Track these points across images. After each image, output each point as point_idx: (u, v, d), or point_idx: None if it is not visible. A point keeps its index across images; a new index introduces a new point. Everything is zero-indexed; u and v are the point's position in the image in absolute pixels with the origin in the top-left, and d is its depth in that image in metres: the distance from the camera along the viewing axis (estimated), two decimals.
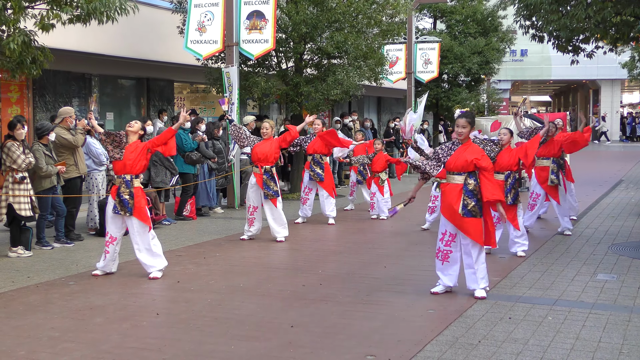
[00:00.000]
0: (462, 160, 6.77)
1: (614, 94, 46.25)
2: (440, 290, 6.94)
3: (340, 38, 14.45)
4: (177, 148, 12.02)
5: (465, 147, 6.84)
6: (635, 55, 31.30)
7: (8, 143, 8.91)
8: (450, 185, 6.88)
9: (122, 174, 7.82)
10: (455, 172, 6.83)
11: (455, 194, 6.79)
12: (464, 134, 6.82)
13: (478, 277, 6.77)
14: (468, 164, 6.75)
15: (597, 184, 17.61)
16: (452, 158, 6.84)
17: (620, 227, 10.96)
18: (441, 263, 6.93)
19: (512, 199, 8.88)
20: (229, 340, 5.56)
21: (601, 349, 5.27)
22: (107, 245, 7.86)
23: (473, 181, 6.78)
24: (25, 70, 9.43)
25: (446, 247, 6.89)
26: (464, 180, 6.79)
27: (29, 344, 5.49)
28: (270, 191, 9.86)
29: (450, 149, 6.89)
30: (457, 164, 6.80)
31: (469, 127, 6.82)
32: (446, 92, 26.01)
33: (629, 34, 13.20)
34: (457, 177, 6.82)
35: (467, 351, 5.24)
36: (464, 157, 6.77)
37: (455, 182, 6.84)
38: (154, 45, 15.55)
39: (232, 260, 8.81)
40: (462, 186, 6.78)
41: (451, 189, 6.86)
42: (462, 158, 6.77)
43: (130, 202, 7.74)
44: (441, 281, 6.96)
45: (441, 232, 6.95)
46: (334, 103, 17.97)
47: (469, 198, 6.74)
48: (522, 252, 8.83)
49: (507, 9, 23.70)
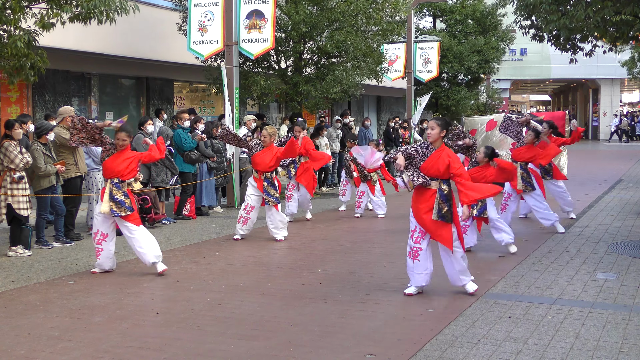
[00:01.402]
0: (435, 170, 6.71)
1: (614, 93, 46.27)
2: (413, 291, 6.87)
3: (340, 37, 14.46)
4: (176, 147, 12.09)
5: (439, 154, 6.72)
6: (635, 55, 31.31)
7: (5, 143, 8.91)
8: (422, 189, 6.80)
9: (111, 178, 7.88)
10: (430, 178, 6.77)
11: (428, 197, 6.74)
12: (432, 135, 6.72)
13: (458, 271, 6.77)
14: (442, 173, 6.70)
15: (597, 183, 17.61)
16: (426, 164, 6.74)
17: (619, 226, 10.96)
18: (412, 261, 6.85)
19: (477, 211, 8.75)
20: (229, 340, 5.57)
21: (601, 347, 5.27)
22: (99, 243, 7.88)
23: (447, 186, 6.75)
24: (23, 76, 9.44)
25: (416, 244, 6.83)
26: (438, 186, 6.74)
27: (28, 343, 5.49)
28: (271, 198, 9.85)
29: (425, 154, 6.78)
30: (430, 172, 6.74)
31: (438, 128, 6.71)
32: (446, 91, 26.02)
33: (628, 33, 13.20)
34: (432, 182, 6.77)
35: (466, 350, 5.24)
36: (437, 166, 6.69)
37: (429, 187, 6.77)
38: (154, 44, 15.56)
39: (231, 260, 8.81)
40: (435, 191, 6.73)
41: (424, 192, 6.78)
42: (436, 167, 6.69)
43: (127, 200, 7.77)
44: (412, 281, 6.89)
45: (411, 230, 6.92)
46: (333, 102, 17.98)
47: (443, 202, 6.70)
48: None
49: (507, 7, 23.72)
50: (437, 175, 6.72)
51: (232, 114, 13.48)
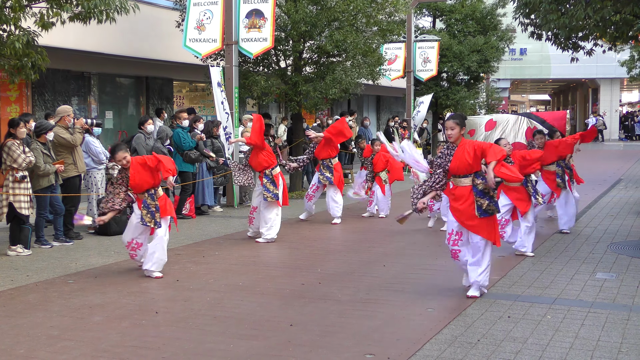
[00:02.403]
0: (464, 163, 6.64)
1: (613, 92, 46.26)
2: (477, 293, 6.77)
3: (340, 36, 14.45)
4: (175, 147, 12.09)
5: (463, 148, 6.69)
6: (634, 54, 31.30)
7: (9, 142, 8.90)
8: (459, 189, 6.75)
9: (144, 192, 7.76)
10: (462, 175, 6.71)
11: (466, 196, 6.67)
12: (452, 135, 6.71)
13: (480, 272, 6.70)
14: (471, 166, 6.64)
15: (596, 183, 17.61)
16: (454, 162, 6.69)
17: (619, 226, 10.96)
18: (456, 262, 6.91)
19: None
20: (228, 339, 5.56)
21: (600, 347, 5.27)
22: (133, 250, 7.90)
23: (481, 180, 6.67)
24: (24, 76, 9.44)
25: (454, 247, 6.85)
26: (472, 182, 6.69)
27: (28, 343, 5.49)
28: (270, 193, 9.85)
29: (449, 155, 6.75)
30: (460, 168, 6.68)
31: (458, 127, 6.68)
32: (445, 90, 26.01)
33: (628, 32, 13.19)
34: (464, 179, 6.71)
35: (466, 350, 5.24)
36: (464, 159, 6.63)
37: (463, 184, 6.72)
38: (153, 43, 15.55)
39: (231, 259, 8.81)
40: (471, 188, 6.68)
41: (460, 192, 6.72)
42: (464, 161, 6.64)
43: (157, 214, 7.72)
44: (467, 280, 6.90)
45: (448, 232, 6.92)
46: (333, 102, 17.96)
47: (481, 198, 6.63)
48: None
49: (506, 7, 23.72)
50: (469, 170, 6.67)
51: (232, 113, 13.47)
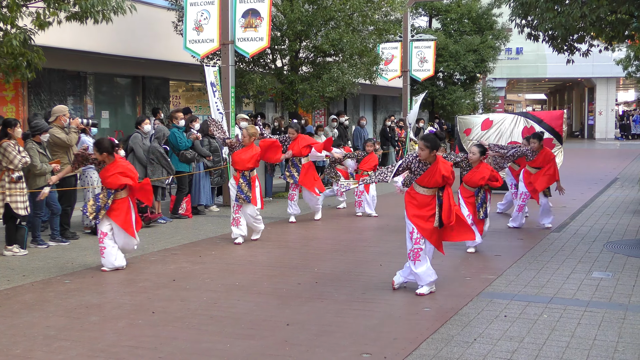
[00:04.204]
0: (433, 182, 6.82)
1: (609, 92, 46.34)
2: (426, 291, 6.86)
3: (336, 36, 14.46)
4: (172, 147, 12.08)
5: (435, 168, 6.81)
6: (630, 54, 31.36)
7: (4, 143, 8.88)
8: (420, 196, 6.93)
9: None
10: (427, 187, 6.88)
11: (427, 203, 6.87)
12: (422, 155, 6.80)
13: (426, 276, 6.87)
14: (440, 184, 6.84)
15: (593, 182, 17.64)
16: (425, 177, 6.83)
17: (615, 225, 10.99)
18: (413, 263, 6.87)
19: (483, 213, 8.96)
20: (225, 339, 5.56)
21: (596, 346, 5.28)
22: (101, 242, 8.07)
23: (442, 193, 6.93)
24: (19, 75, 9.42)
25: (416, 245, 6.88)
26: (436, 193, 6.89)
27: (24, 343, 5.49)
28: (242, 195, 9.78)
29: (421, 169, 6.86)
30: (430, 182, 6.84)
31: (427, 150, 6.74)
32: (441, 90, 26.05)
33: (624, 32, 13.23)
34: (428, 190, 6.89)
35: (462, 349, 5.25)
36: (435, 178, 6.79)
37: (425, 193, 6.90)
38: (150, 43, 15.53)
39: (227, 259, 8.80)
40: (432, 197, 6.87)
41: (422, 199, 6.91)
42: (434, 179, 6.80)
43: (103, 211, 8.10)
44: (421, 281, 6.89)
45: (408, 231, 6.95)
46: (329, 101, 17.96)
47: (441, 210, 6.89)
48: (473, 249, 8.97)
49: (502, 7, 23.73)
50: (436, 185, 6.86)
51: (228, 113, 13.45)
